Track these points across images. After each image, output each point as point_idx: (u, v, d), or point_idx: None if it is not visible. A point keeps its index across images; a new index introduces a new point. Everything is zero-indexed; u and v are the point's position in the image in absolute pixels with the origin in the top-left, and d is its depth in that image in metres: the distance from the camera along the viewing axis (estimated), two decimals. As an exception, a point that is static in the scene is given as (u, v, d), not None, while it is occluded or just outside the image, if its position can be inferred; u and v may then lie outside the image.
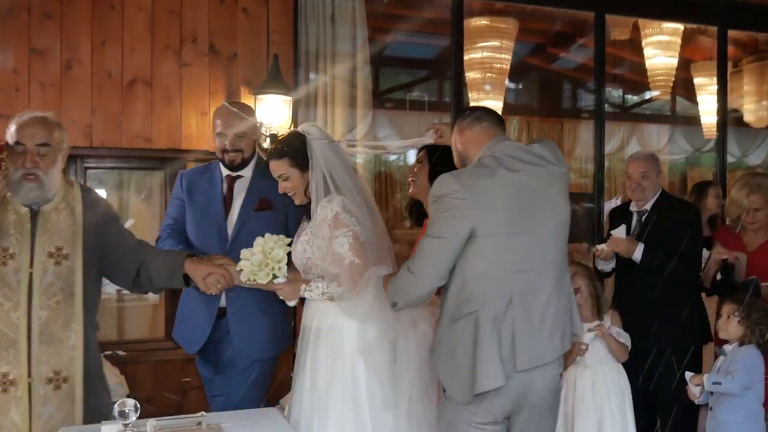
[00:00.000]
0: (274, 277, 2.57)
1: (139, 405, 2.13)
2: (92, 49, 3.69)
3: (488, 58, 5.82)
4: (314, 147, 2.64)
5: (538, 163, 2.44)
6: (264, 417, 2.48)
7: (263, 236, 2.60)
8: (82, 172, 3.73)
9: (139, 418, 2.12)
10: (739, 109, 6.69)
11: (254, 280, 2.56)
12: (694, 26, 5.78)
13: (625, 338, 3.21)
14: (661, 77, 6.11)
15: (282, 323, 3.14)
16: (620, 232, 3.45)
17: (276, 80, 3.83)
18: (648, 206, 3.50)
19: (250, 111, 3.14)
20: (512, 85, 7.72)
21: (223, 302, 2.99)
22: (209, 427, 2.24)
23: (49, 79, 3.61)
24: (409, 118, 7.97)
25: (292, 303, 2.71)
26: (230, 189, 3.08)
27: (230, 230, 3.02)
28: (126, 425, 2.11)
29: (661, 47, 5.90)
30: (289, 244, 2.62)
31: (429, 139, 2.99)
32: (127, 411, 2.10)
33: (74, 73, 3.65)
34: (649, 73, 6.13)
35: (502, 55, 5.85)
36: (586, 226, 4.56)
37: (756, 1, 5.21)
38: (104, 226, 2.63)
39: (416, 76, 7.74)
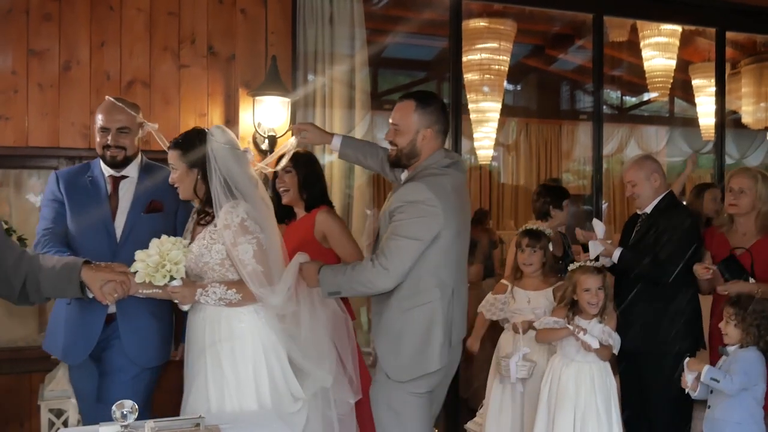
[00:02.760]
0: (171, 279, 2.51)
1: (137, 406, 2.14)
2: (91, 51, 3.68)
3: (487, 59, 5.84)
4: (214, 149, 2.61)
5: (459, 160, 2.87)
6: (262, 420, 2.47)
7: (155, 239, 2.53)
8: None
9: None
10: (737, 110, 6.71)
11: (149, 281, 2.48)
12: (693, 28, 5.79)
13: (614, 340, 3.21)
14: (659, 79, 6.13)
15: (170, 330, 3.05)
16: (598, 227, 3.45)
17: (274, 82, 3.83)
18: (648, 209, 3.50)
19: (135, 108, 3.00)
20: (511, 87, 7.75)
21: (111, 309, 2.84)
22: (207, 428, 2.24)
23: (47, 80, 3.61)
24: (407, 120, 7.96)
25: (186, 307, 2.65)
26: (115, 190, 2.96)
27: (118, 233, 2.90)
28: (124, 426, 2.11)
29: (659, 49, 5.91)
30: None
31: (295, 140, 3.04)
32: (125, 412, 2.10)
33: (73, 74, 3.65)
34: (647, 75, 6.15)
35: (501, 57, 5.87)
36: (586, 228, 4.54)
37: (754, 3, 5.21)
38: None
39: (415, 77, 7.75)
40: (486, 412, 3.66)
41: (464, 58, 5.37)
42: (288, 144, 3.03)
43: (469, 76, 5.89)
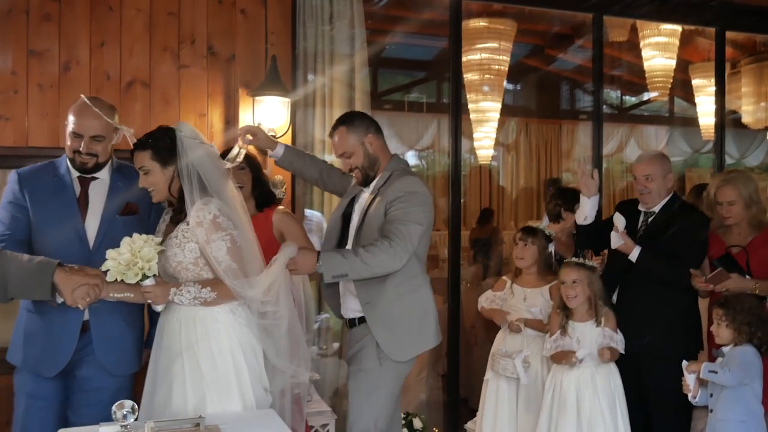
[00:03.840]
0: (144, 277, 2.45)
1: (137, 406, 2.14)
2: (90, 51, 3.68)
3: (486, 59, 5.84)
4: (185, 145, 2.58)
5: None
6: (263, 419, 2.47)
7: (126, 237, 2.46)
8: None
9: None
10: (737, 110, 6.71)
11: (121, 281, 2.42)
12: (692, 28, 5.78)
13: (617, 340, 3.22)
14: (659, 78, 6.13)
15: (142, 338, 2.97)
16: (619, 221, 3.43)
17: (274, 82, 3.83)
18: (656, 208, 3.49)
19: (112, 112, 2.84)
20: (510, 87, 7.76)
21: (85, 315, 2.73)
22: (207, 428, 2.24)
23: (47, 80, 3.61)
24: (407, 120, 7.99)
25: (159, 308, 2.58)
26: (85, 191, 2.81)
27: (91, 238, 2.77)
28: (124, 427, 2.11)
29: (659, 48, 5.91)
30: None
31: (246, 139, 3.09)
32: (125, 413, 2.10)
33: (73, 74, 3.65)
34: (647, 75, 6.15)
35: (501, 57, 5.87)
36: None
37: (754, 3, 5.21)
38: None
39: (414, 77, 7.77)
40: (481, 411, 3.67)
41: (464, 58, 5.37)
42: (238, 147, 3.02)
43: (469, 76, 5.89)
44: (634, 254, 3.35)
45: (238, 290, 2.53)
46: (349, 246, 3.01)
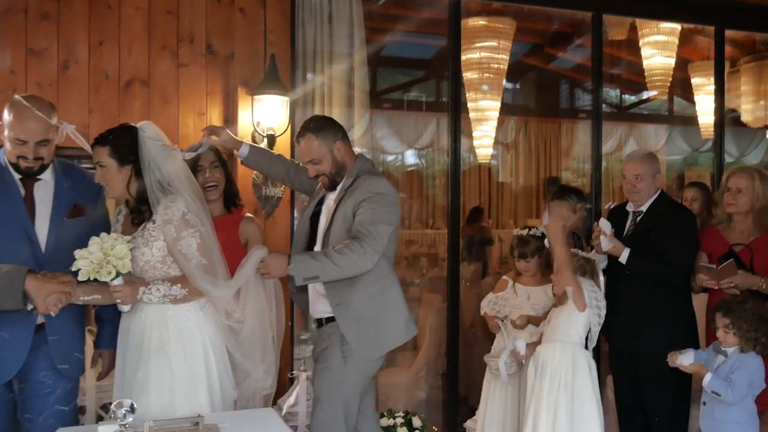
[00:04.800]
0: (117, 275, 2.44)
1: (135, 405, 2.14)
2: (89, 50, 3.68)
3: (486, 58, 5.83)
4: (147, 145, 2.59)
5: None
6: (261, 417, 2.48)
7: (94, 237, 2.44)
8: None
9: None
10: (736, 109, 6.70)
11: (94, 279, 2.40)
12: (692, 26, 5.78)
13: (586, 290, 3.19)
14: (658, 77, 6.12)
15: (84, 339, 2.88)
16: (605, 225, 3.43)
17: (273, 80, 3.82)
18: (644, 207, 3.49)
19: (52, 111, 2.68)
20: (510, 85, 7.75)
21: (39, 318, 2.61)
22: (206, 427, 2.24)
23: (46, 79, 3.61)
24: (406, 118, 7.99)
25: (126, 308, 2.56)
26: (30, 193, 2.67)
27: (42, 241, 2.63)
28: (123, 426, 2.11)
29: (658, 47, 5.90)
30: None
31: (208, 141, 3.11)
32: (123, 412, 2.10)
33: (71, 73, 3.65)
34: (646, 73, 6.14)
35: (500, 55, 5.86)
36: (586, 225, 4.54)
37: (753, 2, 5.20)
38: None
39: (414, 76, 7.77)
40: (482, 411, 3.67)
41: (463, 57, 5.36)
42: (199, 144, 3.06)
43: (468, 75, 5.88)
44: (624, 256, 3.36)
45: (207, 290, 2.53)
46: (317, 248, 3.03)
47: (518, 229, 3.76)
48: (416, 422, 3.78)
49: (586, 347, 3.21)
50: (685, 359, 3.03)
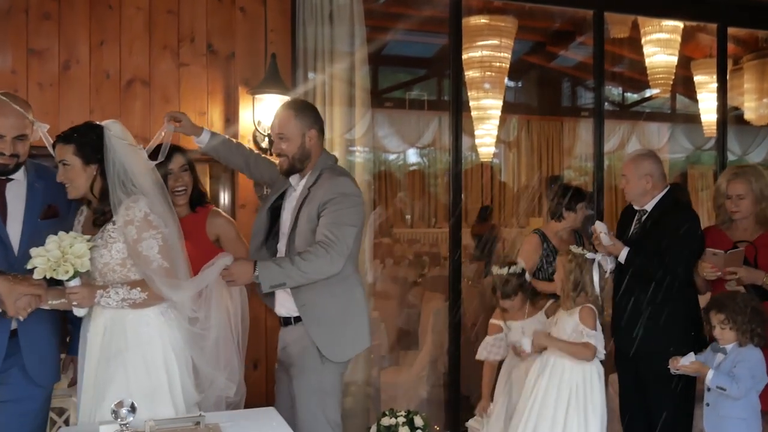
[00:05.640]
0: (76, 274, 2.36)
1: (136, 405, 2.14)
2: (90, 49, 3.68)
3: (487, 56, 5.83)
4: (113, 144, 2.53)
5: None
6: (262, 417, 2.48)
7: (51, 235, 2.38)
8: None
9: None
10: (739, 107, 6.69)
11: (50, 278, 2.33)
12: (694, 24, 5.76)
13: (593, 338, 3.20)
14: (661, 75, 6.11)
15: (61, 345, 2.81)
16: (599, 226, 3.45)
17: (274, 80, 3.82)
18: (649, 207, 3.49)
19: (28, 107, 2.62)
20: (511, 84, 7.74)
21: (12, 324, 2.52)
22: (207, 427, 2.24)
23: (47, 79, 3.61)
24: (408, 117, 7.99)
25: (82, 312, 2.48)
26: (1, 194, 2.60)
27: (14, 243, 2.55)
28: (123, 425, 2.11)
29: (660, 45, 5.89)
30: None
31: (170, 128, 3.04)
32: (124, 411, 2.10)
33: (72, 73, 3.65)
34: (648, 71, 6.13)
35: (502, 54, 5.85)
36: (588, 224, 4.54)
37: (755, -1, 5.19)
38: None
39: (415, 74, 7.76)
40: (492, 419, 3.65)
41: (465, 55, 5.35)
42: (163, 132, 3.00)
43: (469, 74, 5.88)
44: (622, 255, 3.38)
45: (166, 292, 2.47)
46: (280, 245, 3.01)
47: (497, 267, 3.68)
48: (418, 421, 3.78)
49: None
50: (685, 360, 3.03)
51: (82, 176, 2.52)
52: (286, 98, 3.87)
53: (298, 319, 2.96)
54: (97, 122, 2.60)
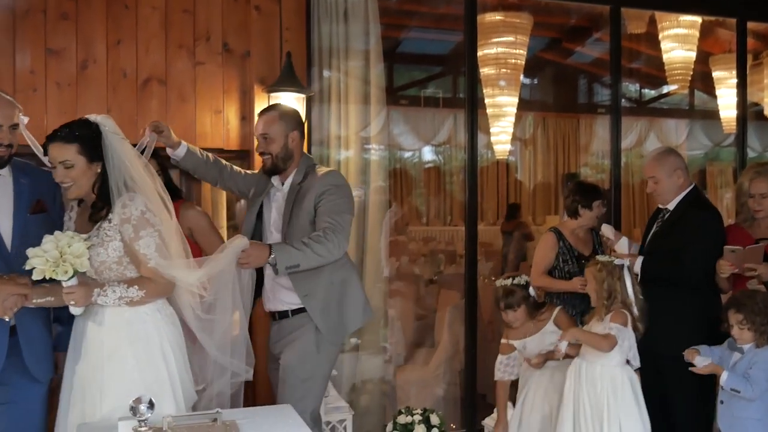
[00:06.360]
0: (75, 274, 2.34)
1: (154, 401, 2.15)
2: (107, 49, 3.71)
3: (503, 53, 5.80)
4: (111, 140, 2.50)
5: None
6: (279, 414, 2.48)
7: (48, 235, 2.35)
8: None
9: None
10: (759, 102, 6.59)
11: (50, 278, 2.31)
12: (713, 18, 5.70)
13: (616, 330, 3.13)
14: (679, 71, 6.05)
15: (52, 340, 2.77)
16: (623, 245, 3.43)
17: (289, 78, 3.83)
18: (671, 205, 3.46)
19: (14, 99, 2.62)
20: (527, 81, 7.69)
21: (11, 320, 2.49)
22: (225, 423, 2.25)
23: (65, 78, 3.64)
24: (423, 115, 7.98)
25: (79, 310, 2.45)
26: None
27: (7, 239, 2.54)
28: (141, 422, 2.12)
29: (678, 40, 5.83)
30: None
31: (152, 137, 3.04)
32: (142, 408, 2.11)
33: (90, 72, 3.68)
34: (666, 67, 6.07)
35: (517, 51, 5.82)
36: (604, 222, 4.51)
37: (776, -8, 5.13)
38: None
39: (430, 72, 7.74)
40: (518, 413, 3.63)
41: (480, 53, 5.33)
42: (146, 142, 3.00)
43: (485, 71, 5.85)
44: (637, 265, 3.36)
45: (178, 277, 2.48)
46: (272, 241, 3.07)
47: (501, 279, 3.61)
48: (434, 419, 3.77)
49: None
50: (700, 362, 2.99)
51: (87, 175, 2.48)
52: (301, 96, 3.89)
53: (295, 312, 3.08)
54: (88, 117, 2.54)
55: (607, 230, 3.54)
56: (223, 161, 3.41)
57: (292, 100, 3.85)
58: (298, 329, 3.08)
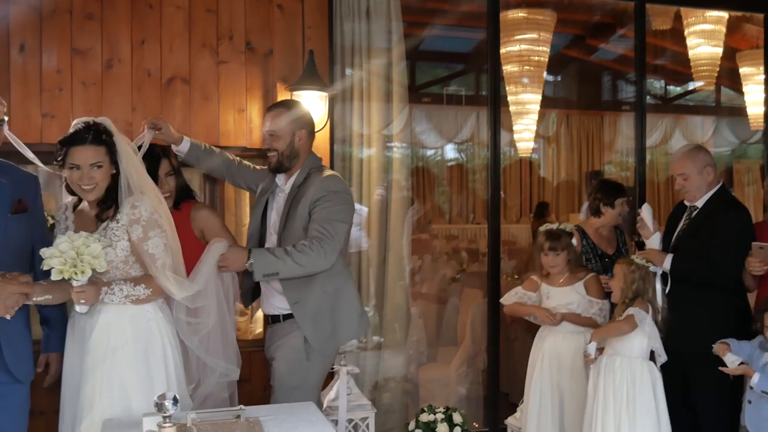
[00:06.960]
0: (92, 273, 2.36)
1: (178, 397, 2.16)
2: (132, 48, 3.74)
3: (526, 50, 5.77)
4: (119, 142, 2.54)
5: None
6: (302, 411, 2.49)
7: (61, 235, 2.37)
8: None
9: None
10: (787, 98, 6.49)
11: (69, 279, 2.33)
12: (739, 14, 5.62)
13: (635, 311, 3.12)
14: (705, 67, 5.97)
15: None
16: (654, 242, 3.38)
17: (312, 76, 3.84)
18: (699, 203, 3.41)
19: None
20: (550, 78, 7.65)
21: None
22: (248, 420, 2.26)
23: (90, 78, 3.68)
24: (446, 113, 7.97)
25: (84, 309, 2.46)
26: None
27: None
28: (166, 417, 2.14)
29: (704, 36, 5.76)
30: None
31: (150, 134, 3.07)
32: (166, 403, 2.13)
33: (115, 72, 3.72)
34: (692, 64, 6.00)
35: (540, 48, 5.79)
36: (629, 220, 4.47)
37: (805, -13, 5.04)
38: None
39: (453, 70, 7.73)
40: (526, 409, 3.63)
41: (503, 50, 5.30)
42: (144, 137, 3.02)
43: (508, 68, 5.82)
44: (667, 263, 3.30)
45: (172, 290, 2.52)
46: (269, 244, 3.05)
47: (548, 224, 3.67)
48: (457, 418, 3.76)
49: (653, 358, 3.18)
50: (731, 360, 2.95)
51: (107, 177, 2.54)
52: (324, 95, 3.90)
53: (286, 317, 3.03)
54: (93, 119, 2.56)
55: (646, 213, 3.46)
56: (231, 156, 3.40)
57: (315, 99, 3.86)
58: (288, 335, 3.03)
